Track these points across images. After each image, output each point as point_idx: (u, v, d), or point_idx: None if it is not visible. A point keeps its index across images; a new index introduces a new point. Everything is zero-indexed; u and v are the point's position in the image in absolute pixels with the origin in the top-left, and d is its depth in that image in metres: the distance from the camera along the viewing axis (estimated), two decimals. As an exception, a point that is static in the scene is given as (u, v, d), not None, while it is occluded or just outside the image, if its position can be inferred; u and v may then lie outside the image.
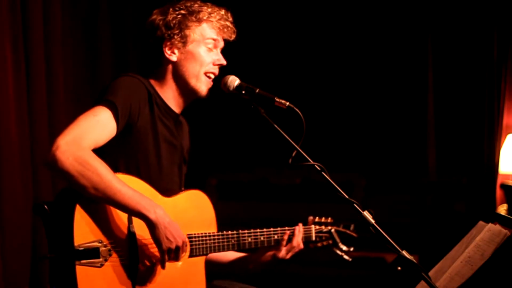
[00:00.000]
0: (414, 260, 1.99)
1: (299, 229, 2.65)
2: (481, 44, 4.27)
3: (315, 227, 2.75)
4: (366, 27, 4.73)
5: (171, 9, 2.45)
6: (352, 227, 2.79)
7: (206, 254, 2.45)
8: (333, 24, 4.77)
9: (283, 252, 2.62)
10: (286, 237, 2.62)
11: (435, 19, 4.53)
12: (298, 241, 2.63)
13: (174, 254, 2.22)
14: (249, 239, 2.55)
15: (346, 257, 2.77)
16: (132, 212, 2.16)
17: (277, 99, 2.33)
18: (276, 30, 4.80)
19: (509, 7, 4.14)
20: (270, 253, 2.63)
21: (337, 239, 2.76)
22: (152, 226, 2.17)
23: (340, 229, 2.78)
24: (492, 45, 4.21)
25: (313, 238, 2.74)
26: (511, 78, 4.19)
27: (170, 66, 2.46)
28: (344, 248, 2.77)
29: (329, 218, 2.79)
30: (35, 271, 3.42)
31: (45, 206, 2.14)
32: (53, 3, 3.59)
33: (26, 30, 3.41)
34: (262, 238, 2.59)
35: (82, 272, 2.09)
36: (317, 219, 2.78)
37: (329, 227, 2.77)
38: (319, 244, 2.77)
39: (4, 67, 3.27)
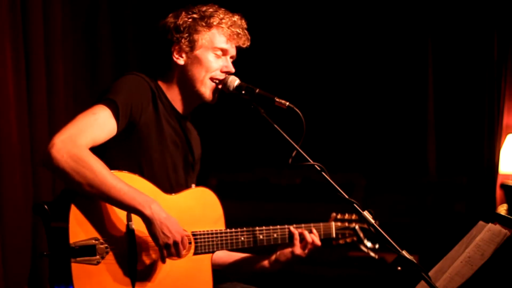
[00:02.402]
0: (414, 260, 1.99)
1: (312, 233, 2.57)
2: (481, 45, 4.27)
3: (336, 224, 2.71)
4: (367, 28, 4.73)
5: (183, 13, 2.46)
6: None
7: (213, 252, 2.43)
8: (334, 25, 4.77)
9: (299, 250, 2.55)
10: (297, 236, 2.55)
11: (435, 19, 4.53)
12: (309, 242, 2.56)
13: (174, 249, 2.20)
14: (261, 236, 2.52)
15: (372, 254, 2.71)
16: (127, 208, 2.15)
17: (277, 99, 2.34)
18: (277, 31, 4.80)
19: (509, 8, 4.14)
20: (288, 250, 2.57)
21: (362, 236, 2.72)
22: (148, 221, 2.16)
23: (365, 226, 2.71)
24: (492, 45, 4.21)
25: (333, 235, 2.70)
26: (511, 78, 4.19)
27: (177, 70, 2.46)
28: (369, 244, 2.72)
29: (353, 215, 2.73)
30: (35, 271, 3.42)
31: (45, 206, 2.15)
32: (53, 3, 3.58)
33: (26, 30, 3.41)
34: (275, 235, 2.55)
35: (78, 269, 2.09)
36: (339, 215, 2.73)
37: (353, 224, 2.73)
38: (341, 241, 2.72)
39: (4, 67, 3.26)
